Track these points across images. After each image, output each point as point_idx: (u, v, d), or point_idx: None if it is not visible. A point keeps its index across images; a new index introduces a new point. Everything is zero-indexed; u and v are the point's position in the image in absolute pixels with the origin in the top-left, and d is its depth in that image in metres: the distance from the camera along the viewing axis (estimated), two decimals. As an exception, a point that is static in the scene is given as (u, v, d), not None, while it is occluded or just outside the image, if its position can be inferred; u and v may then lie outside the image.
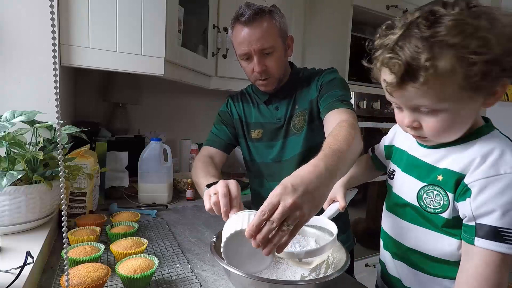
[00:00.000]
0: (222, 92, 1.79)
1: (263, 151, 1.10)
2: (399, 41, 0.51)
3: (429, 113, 0.54)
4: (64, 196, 0.38)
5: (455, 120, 0.54)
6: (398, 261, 0.70)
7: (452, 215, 0.57)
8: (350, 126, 0.74)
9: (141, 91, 1.69)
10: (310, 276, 0.67)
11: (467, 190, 0.54)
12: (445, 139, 0.59)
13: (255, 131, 1.10)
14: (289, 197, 0.50)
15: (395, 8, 1.75)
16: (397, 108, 0.60)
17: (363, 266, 1.79)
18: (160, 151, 1.20)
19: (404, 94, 0.53)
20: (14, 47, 0.89)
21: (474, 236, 0.52)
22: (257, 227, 0.50)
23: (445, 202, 0.58)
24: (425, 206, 0.61)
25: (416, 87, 0.51)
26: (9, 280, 0.53)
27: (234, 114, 1.13)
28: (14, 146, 0.73)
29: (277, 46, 0.98)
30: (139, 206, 1.14)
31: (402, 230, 0.68)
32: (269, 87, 1.04)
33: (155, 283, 0.65)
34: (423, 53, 0.48)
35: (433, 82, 0.49)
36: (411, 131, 0.59)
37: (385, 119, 1.81)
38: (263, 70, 0.99)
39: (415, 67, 0.49)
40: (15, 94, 0.89)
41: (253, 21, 0.95)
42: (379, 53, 0.54)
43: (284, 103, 1.06)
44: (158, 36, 1.12)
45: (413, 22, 0.51)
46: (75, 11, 0.99)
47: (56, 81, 0.37)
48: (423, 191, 0.62)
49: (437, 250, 0.61)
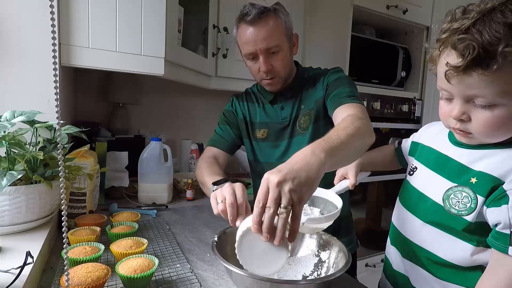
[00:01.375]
0: (222, 92, 1.79)
1: (268, 151, 1.09)
2: (477, 24, 0.47)
3: (484, 108, 0.51)
4: (64, 196, 0.38)
5: (509, 119, 0.51)
6: (405, 258, 0.68)
7: (476, 220, 0.55)
8: (354, 118, 0.74)
9: (141, 91, 1.69)
10: (311, 276, 0.67)
11: (504, 197, 0.51)
12: (491, 139, 0.56)
13: (260, 131, 1.10)
14: (275, 177, 0.51)
15: (395, 8, 1.75)
16: (446, 99, 0.56)
17: (363, 266, 1.79)
18: (160, 151, 1.20)
19: (465, 81, 0.50)
20: (14, 47, 0.89)
21: (509, 245, 0.50)
22: (259, 218, 0.51)
23: (472, 205, 0.55)
24: (449, 207, 0.59)
25: (485, 75, 0.47)
26: (9, 280, 0.52)
27: (239, 113, 1.13)
28: (14, 146, 0.73)
29: (282, 45, 0.98)
30: (139, 206, 1.14)
31: (414, 227, 0.67)
32: (275, 87, 1.04)
33: (155, 283, 0.65)
34: (503, 39, 0.45)
35: (505, 72, 0.46)
36: (457, 124, 0.56)
37: (385, 119, 1.82)
38: (269, 69, 0.98)
39: (491, 52, 0.46)
40: (15, 94, 0.89)
41: (258, 21, 0.95)
42: (447, 35, 0.51)
43: (289, 103, 1.06)
44: (158, 36, 1.12)
45: (495, 7, 0.48)
46: (75, 11, 0.99)
47: (56, 81, 0.37)
48: (451, 191, 0.59)
49: (449, 253, 0.60)
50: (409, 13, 1.80)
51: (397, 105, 1.87)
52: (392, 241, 0.74)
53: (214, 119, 1.19)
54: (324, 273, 0.66)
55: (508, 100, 0.49)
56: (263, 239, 0.52)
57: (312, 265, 0.70)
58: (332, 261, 0.67)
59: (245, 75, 1.59)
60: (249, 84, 1.22)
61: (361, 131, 0.69)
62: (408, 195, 0.70)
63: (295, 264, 0.71)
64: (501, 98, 0.49)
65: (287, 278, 0.67)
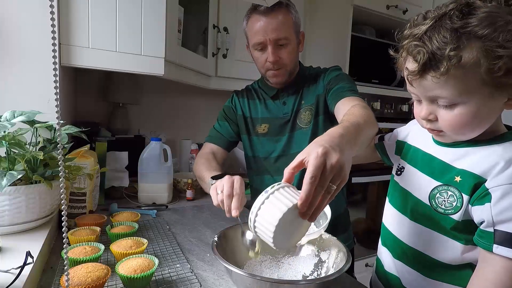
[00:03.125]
0: (222, 92, 1.79)
1: (268, 146, 1.11)
2: (428, 31, 0.51)
3: (446, 107, 0.54)
4: (64, 196, 0.38)
5: (472, 117, 0.53)
6: (397, 259, 0.69)
7: (462, 218, 0.56)
8: (363, 108, 0.77)
9: (141, 91, 1.69)
10: (311, 276, 0.67)
11: (487, 195, 0.52)
12: (461, 137, 0.57)
13: (261, 126, 1.12)
14: (334, 156, 0.48)
15: (395, 8, 1.75)
16: (417, 101, 0.59)
17: (363, 266, 1.79)
18: (160, 151, 1.20)
19: (423, 84, 0.53)
20: (14, 47, 0.89)
21: (493, 243, 0.51)
22: (310, 196, 0.47)
23: (458, 204, 0.56)
24: (436, 206, 0.60)
25: (437, 77, 0.50)
26: (9, 280, 0.53)
27: (238, 109, 1.15)
28: (14, 146, 0.73)
29: (291, 39, 1.01)
30: (139, 206, 1.14)
31: (404, 227, 0.67)
32: (280, 78, 1.05)
33: (155, 283, 0.65)
34: (449, 43, 0.48)
35: (454, 73, 0.49)
36: (427, 124, 0.59)
37: (385, 119, 1.82)
38: (277, 60, 1.01)
39: (439, 57, 0.49)
40: (15, 94, 0.89)
41: (270, 12, 0.98)
42: (407, 42, 0.54)
43: (291, 98, 1.09)
44: (158, 36, 1.12)
45: (446, 13, 0.51)
46: (75, 11, 0.99)
47: (56, 81, 0.37)
48: (437, 190, 0.60)
49: (439, 253, 0.60)
50: (409, 13, 1.80)
51: (397, 105, 1.87)
52: (383, 242, 0.75)
53: (214, 119, 1.19)
54: (324, 273, 0.66)
55: (467, 98, 0.51)
56: (303, 217, 0.49)
57: (312, 265, 0.70)
58: (332, 261, 0.67)
59: (245, 75, 1.59)
60: (248, 84, 1.22)
61: (371, 119, 0.72)
62: (397, 195, 0.71)
63: (295, 264, 0.71)
64: (459, 97, 0.51)
65: (287, 278, 0.67)
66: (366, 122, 0.68)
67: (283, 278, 0.67)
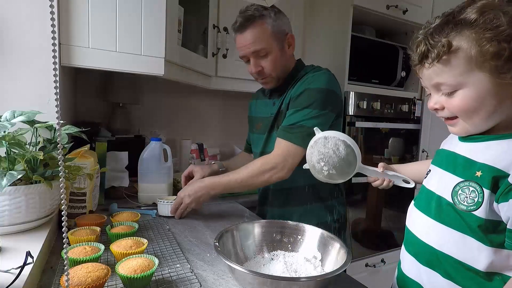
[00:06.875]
0: (222, 92, 1.79)
1: (257, 142, 1.20)
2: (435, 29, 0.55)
3: (449, 95, 0.57)
4: (64, 196, 0.38)
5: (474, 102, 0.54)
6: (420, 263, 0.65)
7: (487, 217, 0.54)
8: (263, 164, 0.99)
9: (141, 91, 1.69)
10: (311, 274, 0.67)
11: (511, 190, 0.50)
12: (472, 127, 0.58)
13: (258, 124, 1.21)
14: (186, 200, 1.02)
15: (395, 8, 1.75)
16: (429, 94, 0.62)
17: (363, 266, 1.79)
18: (160, 151, 1.20)
19: (424, 74, 0.58)
20: (14, 47, 0.89)
21: None
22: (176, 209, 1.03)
23: (480, 199, 0.54)
24: (458, 203, 0.58)
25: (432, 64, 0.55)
26: (9, 280, 0.52)
27: (249, 110, 1.30)
28: (14, 146, 0.73)
29: (270, 48, 1.05)
30: (139, 206, 1.14)
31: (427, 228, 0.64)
32: (268, 85, 1.13)
33: (155, 283, 0.65)
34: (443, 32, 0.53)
35: (448, 58, 0.53)
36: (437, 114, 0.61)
37: (385, 119, 1.81)
38: (258, 71, 1.08)
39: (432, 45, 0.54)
40: (15, 94, 0.89)
41: (243, 29, 1.04)
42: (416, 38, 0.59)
43: (280, 99, 1.13)
44: (158, 36, 1.12)
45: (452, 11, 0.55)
46: (75, 11, 0.99)
47: (56, 81, 0.37)
48: (459, 187, 0.58)
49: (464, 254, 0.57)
50: (409, 13, 1.80)
51: (397, 105, 1.86)
52: (406, 246, 0.71)
53: (214, 119, 1.20)
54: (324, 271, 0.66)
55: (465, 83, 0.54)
56: None
57: (312, 264, 0.70)
58: (333, 259, 0.67)
59: (245, 75, 1.59)
60: (249, 84, 1.23)
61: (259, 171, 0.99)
62: (422, 197, 0.69)
63: (295, 262, 0.71)
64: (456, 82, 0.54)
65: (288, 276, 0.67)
66: (248, 177, 0.99)
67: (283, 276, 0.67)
